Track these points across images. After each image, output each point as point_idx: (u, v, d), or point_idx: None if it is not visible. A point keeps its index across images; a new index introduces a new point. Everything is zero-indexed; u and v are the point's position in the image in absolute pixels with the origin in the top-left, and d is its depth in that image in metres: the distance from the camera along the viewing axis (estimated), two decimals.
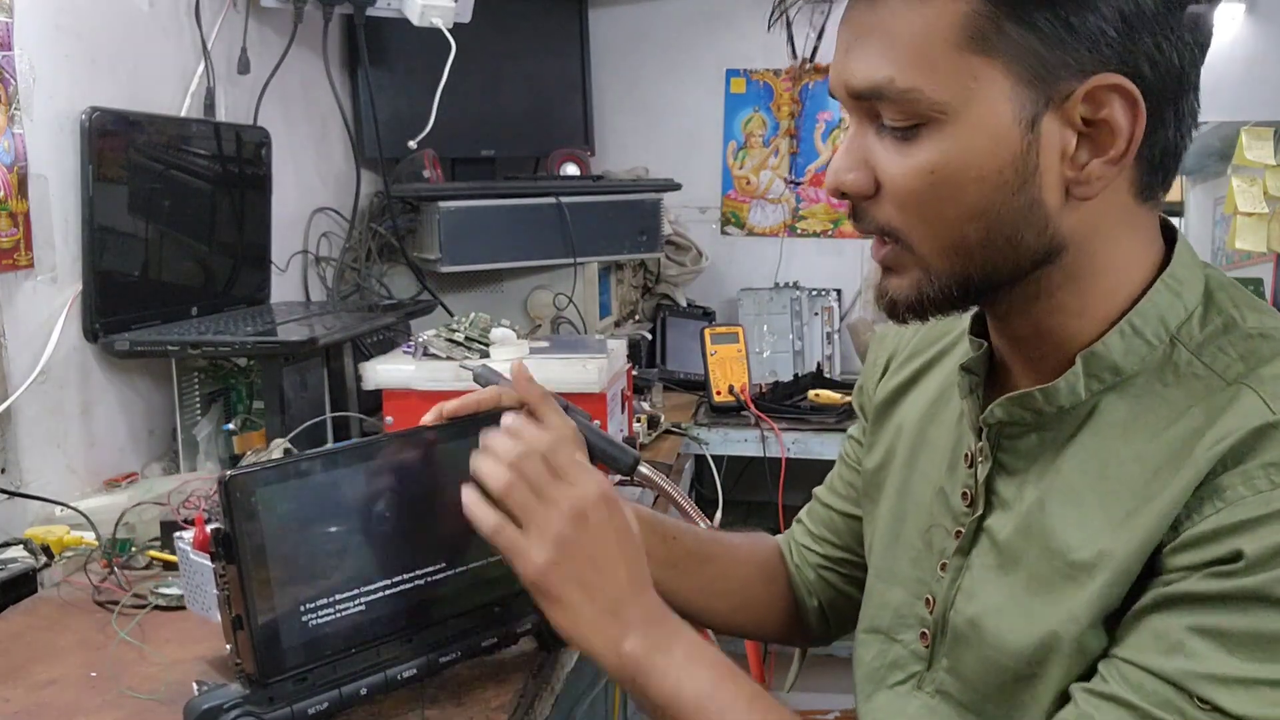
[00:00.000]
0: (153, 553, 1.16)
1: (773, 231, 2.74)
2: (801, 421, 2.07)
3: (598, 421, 1.00)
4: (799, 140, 2.69)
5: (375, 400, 1.50)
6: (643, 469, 0.97)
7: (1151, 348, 0.70)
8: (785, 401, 2.14)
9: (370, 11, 1.96)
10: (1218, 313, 0.70)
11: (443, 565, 0.86)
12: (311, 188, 2.10)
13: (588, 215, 2.12)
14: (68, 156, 1.35)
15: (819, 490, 1.08)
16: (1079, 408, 0.71)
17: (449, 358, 1.46)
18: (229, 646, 0.77)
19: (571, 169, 2.38)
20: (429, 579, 0.85)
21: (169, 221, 1.54)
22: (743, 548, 1.05)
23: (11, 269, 1.26)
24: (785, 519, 2.04)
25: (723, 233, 2.76)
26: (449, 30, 1.92)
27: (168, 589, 1.07)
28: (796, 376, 2.30)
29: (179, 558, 0.97)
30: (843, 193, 0.71)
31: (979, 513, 0.77)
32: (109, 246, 1.41)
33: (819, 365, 2.45)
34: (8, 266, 1.25)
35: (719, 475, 2.00)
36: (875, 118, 0.69)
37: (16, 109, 1.25)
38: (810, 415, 2.09)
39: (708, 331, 2.18)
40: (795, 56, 2.63)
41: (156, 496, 1.21)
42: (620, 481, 1.18)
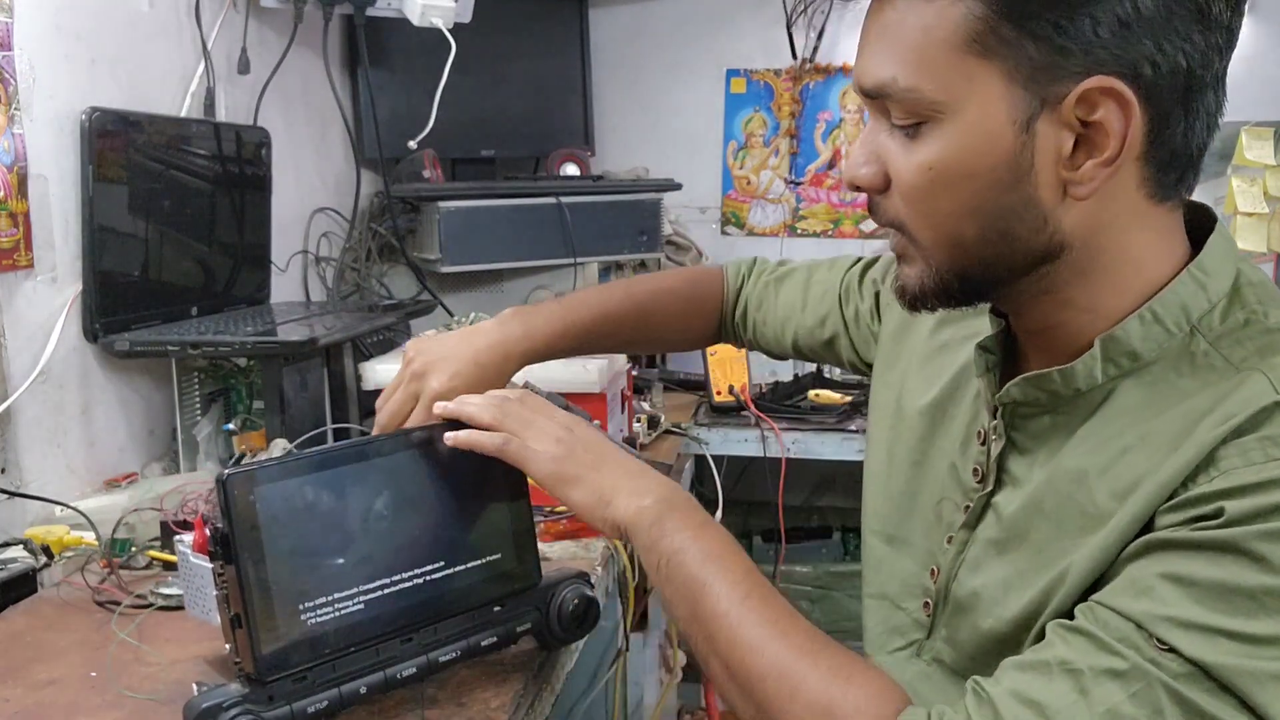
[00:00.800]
0: (153, 553, 1.16)
1: (773, 231, 2.74)
2: (801, 421, 2.07)
3: (598, 422, 1.00)
4: (799, 140, 2.69)
5: (375, 400, 1.49)
6: None
7: (1170, 335, 0.70)
8: (785, 401, 2.14)
9: (370, 11, 1.96)
10: (1241, 307, 0.71)
11: (441, 564, 0.86)
12: (311, 188, 2.10)
13: (588, 215, 2.12)
14: (68, 156, 1.35)
15: (787, 299, 1.19)
16: (1094, 392, 0.72)
17: None
18: (228, 646, 0.77)
19: (571, 169, 2.38)
20: (428, 578, 0.85)
21: (169, 221, 1.54)
22: (692, 329, 1.24)
23: (11, 269, 1.26)
24: (785, 519, 2.05)
25: (723, 233, 2.76)
26: (449, 30, 1.92)
27: (168, 589, 1.07)
28: (796, 376, 2.30)
29: (179, 561, 0.97)
30: (857, 186, 0.74)
31: (988, 489, 0.79)
32: (109, 246, 1.41)
33: (819, 365, 2.44)
34: (8, 266, 1.25)
35: (719, 475, 1.99)
36: (886, 115, 0.72)
37: (16, 109, 1.26)
38: (810, 415, 2.09)
39: None
40: (795, 56, 2.63)
41: (154, 501, 1.21)
42: None
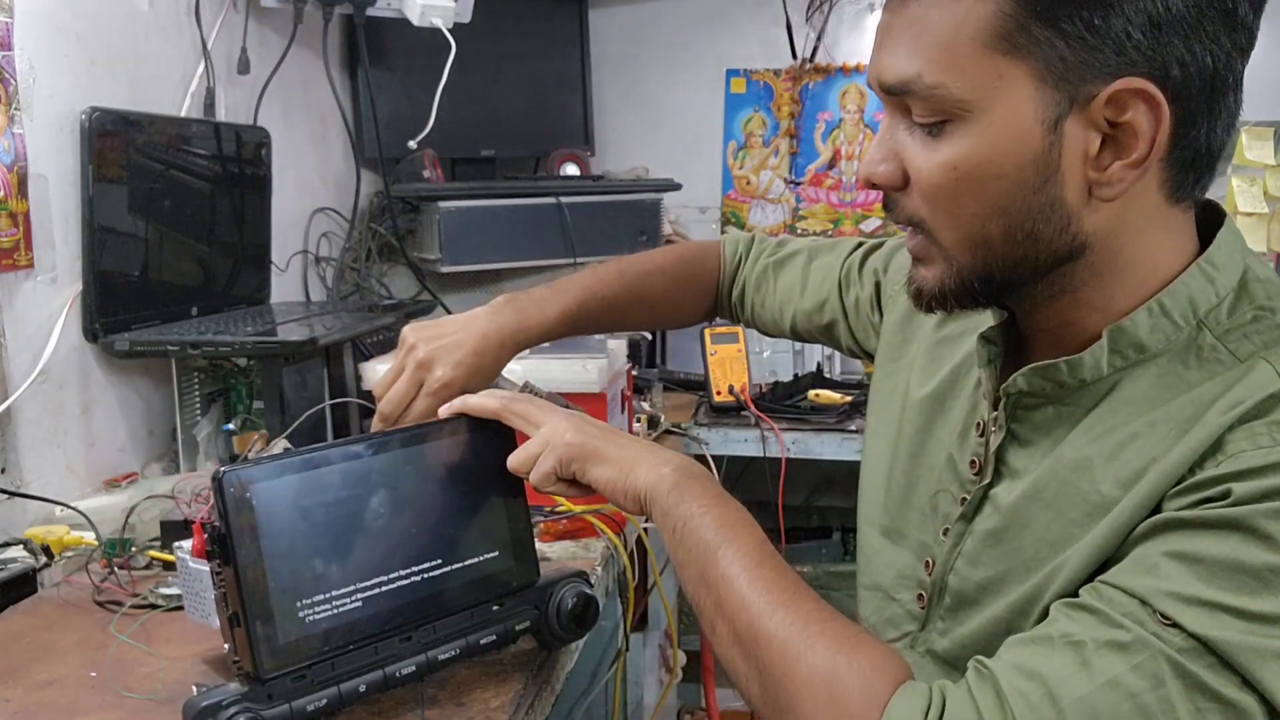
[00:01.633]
0: (153, 553, 1.16)
1: (773, 231, 2.74)
2: (801, 421, 2.07)
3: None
4: (799, 140, 2.69)
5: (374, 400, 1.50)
6: None
7: (1177, 328, 0.70)
8: (785, 401, 2.14)
9: (370, 11, 1.96)
10: (1250, 302, 0.71)
11: (439, 562, 0.86)
12: (311, 188, 2.10)
13: (588, 215, 2.12)
14: (68, 156, 1.35)
15: (784, 282, 1.19)
16: (1099, 383, 0.72)
17: None
18: (227, 645, 0.77)
19: (571, 169, 2.38)
20: (426, 576, 0.85)
21: (169, 221, 1.54)
22: (685, 307, 1.25)
23: (11, 269, 1.26)
24: (785, 519, 2.04)
25: (723, 233, 2.75)
26: (449, 30, 1.93)
27: (167, 589, 1.07)
28: (796, 376, 2.30)
29: (178, 566, 0.97)
30: (874, 183, 0.74)
31: (986, 481, 0.79)
32: (109, 246, 1.41)
33: (819, 365, 2.44)
34: (8, 266, 1.25)
35: (719, 475, 1.99)
36: (906, 112, 0.71)
37: (16, 109, 1.26)
38: (810, 415, 2.09)
39: (708, 331, 2.18)
40: (795, 56, 2.63)
41: (165, 491, 1.21)
42: None
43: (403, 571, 0.83)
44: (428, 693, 0.87)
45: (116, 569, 1.13)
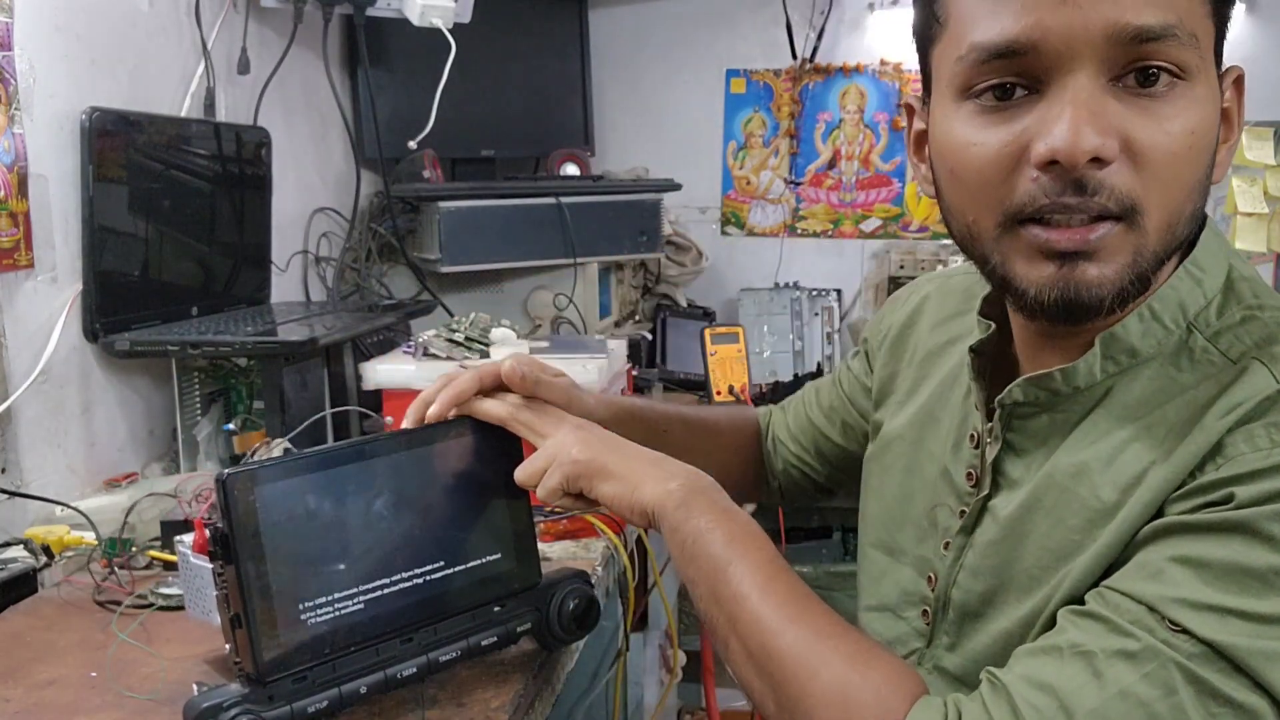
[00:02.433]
0: (153, 553, 1.16)
1: (773, 232, 2.74)
2: None
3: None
4: (799, 140, 2.69)
5: (375, 401, 1.49)
6: None
7: (1168, 332, 0.70)
8: None
9: (370, 11, 1.96)
10: (1238, 302, 0.71)
11: (441, 564, 0.86)
12: (311, 188, 2.10)
13: (588, 215, 2.12)
14: (68, 156, 1.35)
15: (805, 397, 1.14)
16: (1093, 389, 0.72)
17: (449, 358, 1.46)
18: (228, 646, 0.77)
19: (571, 169, 2.37)
20: (428, 578, 0.85)
21: (169, 221, 1.54)
22: (726, 434, 1.16)
23: (11, 269, 1.26)
24: (785, 519, 2.04)
25: (723, 233, 2.76)
26: (449, 30, 1.92)
27: (168, 589, 1.07)
28: (797, 376, 2.30)
29: (179, 562, 0.97)
30: (1101, 157, 0.63)
31: (984, 492, 0.78)
32: (109, 246, 1.41)
33: (819, 365, 2.45)
34: (8, 266, 1.25)
35: None
36: (1118, 74, 0.64)
37: (16, 109, 1.25)
38: None
39: (708, 332, 2.18)
40: (795, 57, 2.63)
41: (167, 490, 1.21)
42: None
43: (405, 574, 0.83)
44: (428, 693, 0.87)
45: (117, 569, 1.13)
